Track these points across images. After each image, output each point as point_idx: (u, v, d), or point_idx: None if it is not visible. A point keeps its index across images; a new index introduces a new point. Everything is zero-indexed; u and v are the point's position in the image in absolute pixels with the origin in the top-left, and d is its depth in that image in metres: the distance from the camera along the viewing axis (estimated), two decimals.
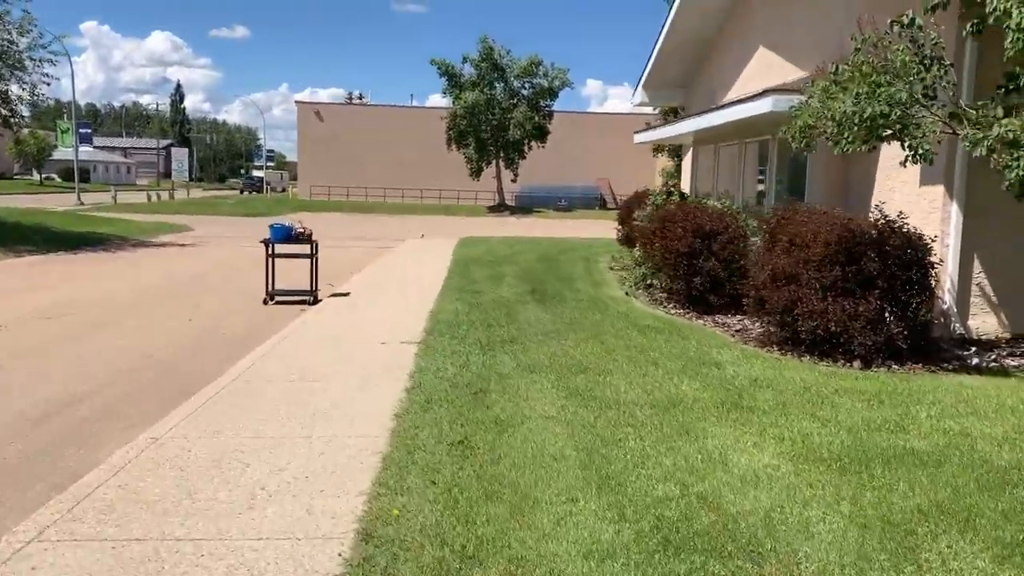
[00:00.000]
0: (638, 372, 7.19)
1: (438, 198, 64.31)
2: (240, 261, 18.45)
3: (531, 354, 7.98)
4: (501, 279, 14.22)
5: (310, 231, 12.63)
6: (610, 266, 16.27)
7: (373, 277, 15.03)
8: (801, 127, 7.43)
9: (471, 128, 51.32)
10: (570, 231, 32.72)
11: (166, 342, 9.47)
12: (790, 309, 8.06)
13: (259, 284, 13.89)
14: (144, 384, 7.62)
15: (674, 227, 10.64)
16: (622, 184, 69.42)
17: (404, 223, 38.67)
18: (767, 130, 12.42)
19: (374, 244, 24.04)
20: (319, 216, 43.13)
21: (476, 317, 10.19)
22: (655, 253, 10.95)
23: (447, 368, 7.46)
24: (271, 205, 51.60)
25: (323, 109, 71.41)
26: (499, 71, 51.87)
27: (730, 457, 4.97)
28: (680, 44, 17.47)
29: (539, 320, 9.95)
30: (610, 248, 20.56)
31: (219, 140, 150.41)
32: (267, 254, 12.42)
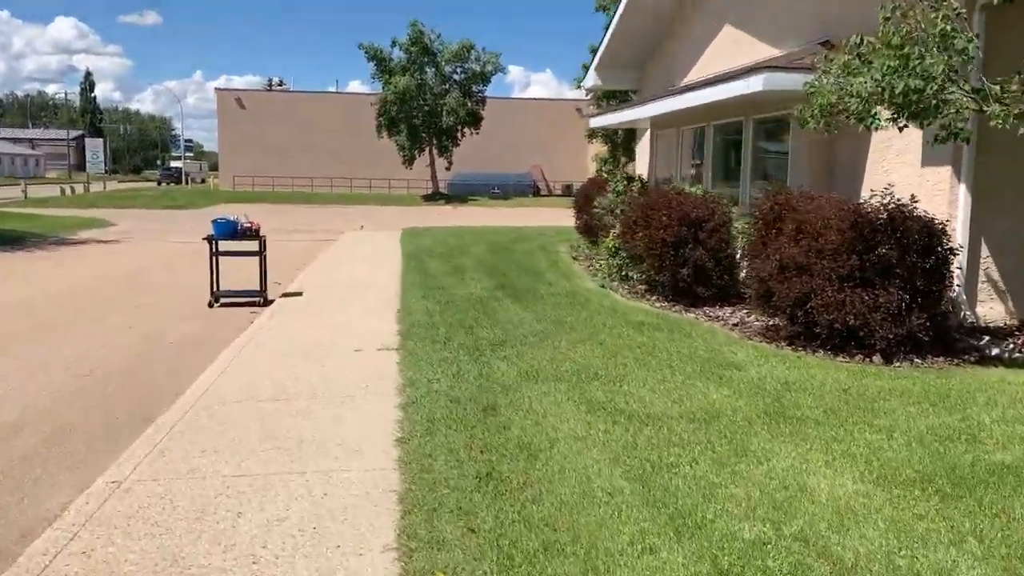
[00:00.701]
0: (655, 377, 6.51)
1: (368, 187, 62.78)
2: (173, 258, 17.16)
3: (528, 359, 7.23)
4: (462, 273, 13.41)
5: (258, 226, 11.59)
6: (573, 256, 15.62)
7: (323, 273, 14.04)
8: (822, 105, 6.83)
9: (402, 115, 49.99)
10: (513, 219, 31.98)
11: (106, 354, 8.39)
12: (803, 302, 7.51)
13: (200, 284, 12.77)
14: (88, 408, 6.60)
15: (658, 215, 10.01)
16: (555, 171, 69.13)
17: (338, 214, 37.32)
18: (741, 111, 11.90)
19: (313, 237, 22.89)
20: (245, 207, 41.34)
21: (451, 317, 9.39)
22: (637, 243, 10.30)
23: (440, 379, 6.66)
24: (193, 197, 49.41)
25: (244, 96, 68.93)
26: (430, 55, 50.63)
27: (808, 483, 4.33)
28: (636, 25, 16.87)
29: (522, 319, 9.20)
30: (564, 237, 19.92)
31: (132, 130, 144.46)
32: (210, 252, 11.34)
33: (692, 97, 11.37)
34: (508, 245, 18.19)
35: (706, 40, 14.64)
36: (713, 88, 10.56)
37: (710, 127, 13.46)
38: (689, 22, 15.55)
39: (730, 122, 12.75)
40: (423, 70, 50.83)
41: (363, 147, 61.94)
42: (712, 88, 10.59)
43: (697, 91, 11.20)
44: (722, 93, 10.25)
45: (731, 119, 12.56)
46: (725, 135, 13.22)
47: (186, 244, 20.09)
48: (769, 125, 11.70)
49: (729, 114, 12.40)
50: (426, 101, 50.32)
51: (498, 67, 51.68)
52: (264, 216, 12.21)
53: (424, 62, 50.71)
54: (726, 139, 13.24)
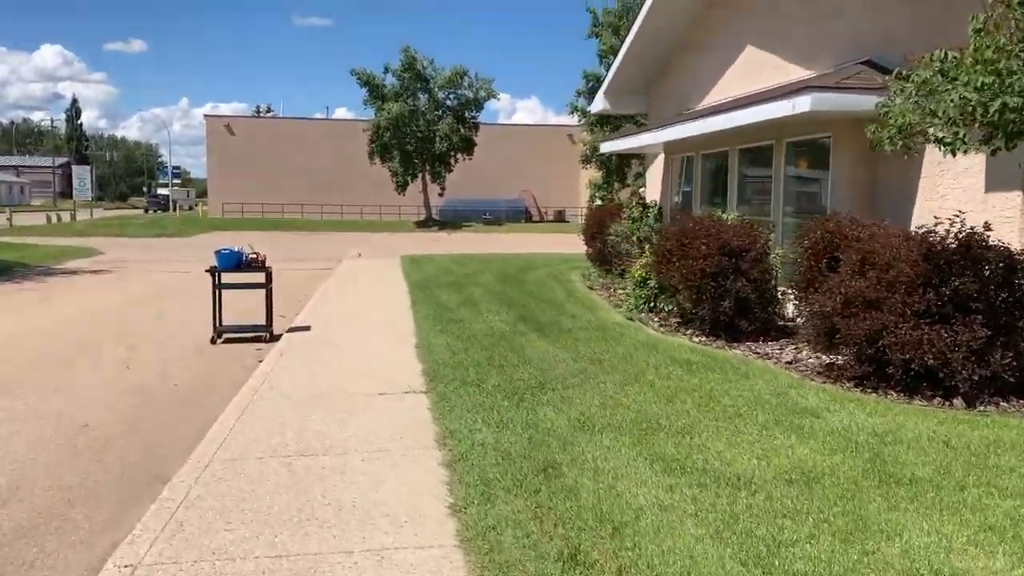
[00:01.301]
0: (727, 428, 5.84)
1: (359, 214, 62.12)
2: (168, 289, 16.40)
3: (576, 405, 6.55)
4: (476, 304, 12.73)
5: (264, 257, 10.89)
6: (588, 285, 14.97)
7: (328, 305, 13.33)
8: (900, 126, 6.23)
9: (395, 141, 49.47)
10: (511, 246, 31.38)
11: (104, 400, 7.63)
12: (873, 340, 6.87)
13: (198, 318, 12.07)
14: (88, 467, 5.85)
15: (696, 244, 9.38)
16: (546, 196, 68.73)
17: (332, 241, 36.61)
18: (772, 134, 11.34)
19: (310, 265, 22.17)
20: (237, 235, 40.62)
21: (477, 355, 8.70)
22: (672, 273, 9.66)
23: (481, 429, 5.97)
24: (182, 224, 48.57)
25: (234, 122, 68.34)
26: (422, 81, 50.24)
27: (958, 566, 3.66)
28: (647, 48, 16.40)
29: (555, 357, 8.52)
30: (572, 265, 19.31)
31: (118, 157, 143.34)
32: (213, 284, 10.62)
33: (723, 119, 10.80)
34: (516, 274, 17.54)
35: (725, 63, 14.13)
36: (749, 110, 9.99)
37: (735, 151, 12.89)
38: (705, 45, 15.06)
39: (758, 146, 12.19)
40: (416, 96, 50.42)
41: (353, 173, 61.40)
42: (748, 110, 10.02)
43: (729, 113, 10.63)
44: (761, 114, 9.67)
45: (760, 143, 11.99)
46: (752, 159, 12.66)
47: (180, 274, 19.36)
48: (803, 148, 11.14)
49: (758, 137, 11.84)
50: (419, 127, 49.84)
51: (491, 93, 51.37)
52: (256, 244, 11.50)
53: (417, 88, 50.31)
54: (753, 163, 12.68)
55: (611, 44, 48.73)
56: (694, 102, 15.46)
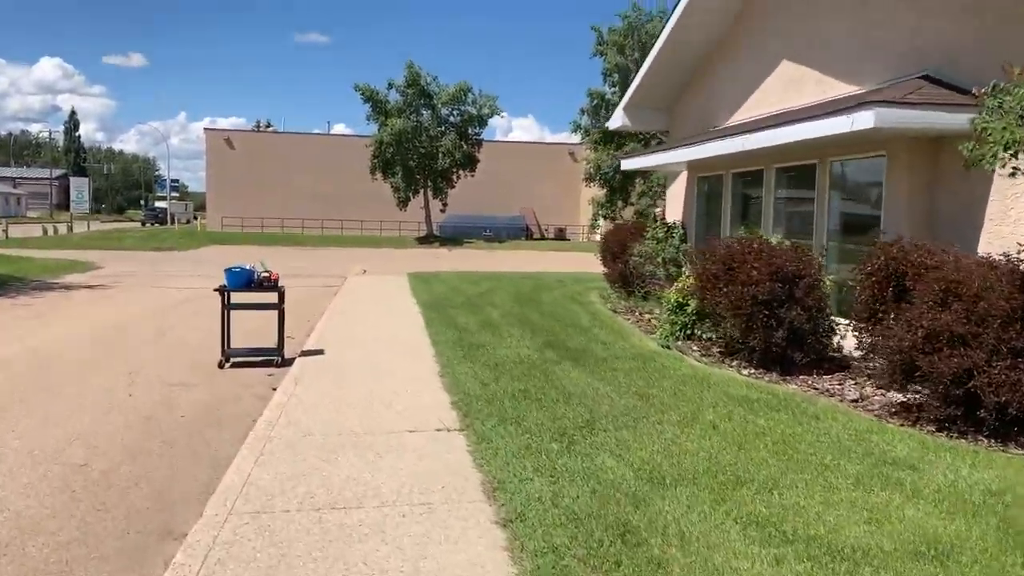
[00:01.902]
0: (816, 483, 5.14)
1: (360, 229, 61.53)
2: (170, 307, 15.66)
3: (636, 451, 5.85)
4: (496, 327, 12.03)
5: (277, 276, 10.19)
6: (612, 308, 14.28)
7: (340, 326, 12.62)
8: (1006, 143, 5.58)
9: (398, 156, 48.94)
10: (518, 264, 30.73)
11: (104, 435, 6.90)
12: (962, 380, 6.19)
13: (203, 338, 11.38)
14: (88, 516, 5.12)
15: (745, 268, 8.71)
16: (546, 214, 68.24)
17: (334, 256, 35.94)
18: (816, 153, 10.72)
19: (314, 282, 21.46)
20: (236, 249, 39.96)
21: (510, 386, 8.00)
22: (719, 299, 8.98)
23: (533, 479, 5.26)
24: (181, 238, 47.85)
25: (234, 136, 67.93)
26: (426, 97, 49.78)
27: None
28: (670, 65, 15.79)
29: (596, 390, 7.82)
30: (588, 285, 18.65)
31: (116, 170, 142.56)
32: (222, 304, 9.92)
33: (767, 136, 10.16)
34: (531, 294, 16.85)
35: (757, 79, 13.52)
36: (799, 126, 9.34)
37: (771, 171, 12.25)
38: (733, 61, 14.46)
39: (798, 165, 11.56)
40: (419, 112, 49.94)
41: (354, 189, 60.90)
42: (798, 126, 9.38)
43: (775, 129, 9.98)
44: (813, 131, 9.03)
45: (801, 162, 11.36)
46: (791, 180, 12.02)
47: (181, 290, 18.65)
48: (851, 168, 10.51)
49: (799, 156, 11.21)
50: (422, 143, 49.32)
51: (495, 110, 50.94)
52: (256, 259, 10.85)
53: (420, 104, 49.84)
54: (792, 184, 12.04)
55: (616, 62, 48.41)
56: (721, 120, 14.85)
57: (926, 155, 9.08)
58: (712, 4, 13.96)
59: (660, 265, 14.07)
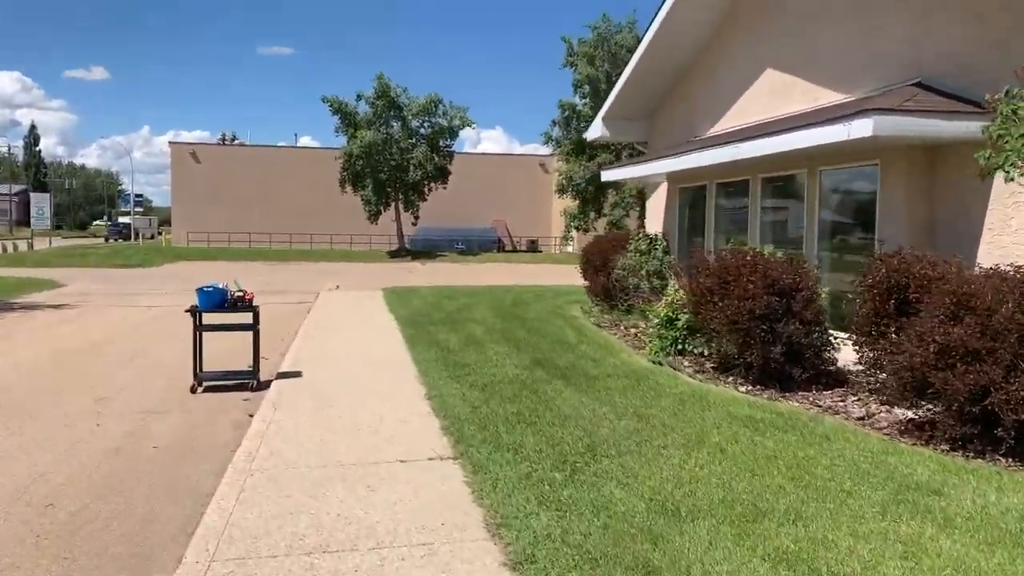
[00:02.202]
0: (841, 512, 4.84)
1: (330, 243, 60.78)
2: (138, 327, 15.09)
3: (644, 480, 5.51)
4: (480, 345, 11.67)
5: (252, 295, 9.75)
6: (596, 323, 13.97)
7: (316, 345, 12.17)
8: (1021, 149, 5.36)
9: (368, 169, 48.42)
10: (494, 277, 30.38)
11: (70, 471, 6.42)
12: (978, 397, 5.95)
13: (175, 361, 10.90)
14: (53, 567, 4.67)
15: (741, 282, 8.45)
16: (518, 226, 67.99)
17: (304, 271, 35.35)
18: (804, 162, 10.52)
19: (285, 299, 20.94)
20: (203, 265, 39.24)
21: (501, 408, 7.65)
22: (714, 314, 8.70)
23: (540, 514, 4.90)
24: (147, 254, 46.89)
25: (199, 150, 66.85)
26: (396, 109, 49.36)
27: None
28: (649, 75, 15.60)
29: (594, 412, 7.49)
30: (569, 298, 18.35)
31: (78, 185, 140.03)
32: (194, 326, 9.46)
33: (754, 146, 9.93)
34: (512, 309, 16.51)
35: (740, 88, 13.36)
36: (792, 135, 9.12)
37: (757, 180, 12.05)
38: (716, 69, 14.29)
39: (786, 175, 11.37)
40: (389, 124, 49.50)
41: (323, 202, 60.22)
42: (791, 135, 9.15)
43: (765, 138, 9.76)
44: (807, 140, 8.81)
45: (789, 171, 11.17)
46: (778, 190, 11.83)
47: (149, 308, 18.06)
48: (842, 178, 10.32)
49: (787, 166, 11.02)
50: (392, 155, 48.87)
51: (466, 121, 50.64)
52: (226, 276, 10.41)
53: (391, 116, 49.41)
54: (779, 194, 11.85)
55: (587, 74, 48.39)
56: (703, 129, 14.67)
57: (922, 163, 8.91)
58: (694, 14, 13.78)
59: (644, 278, 13.81)
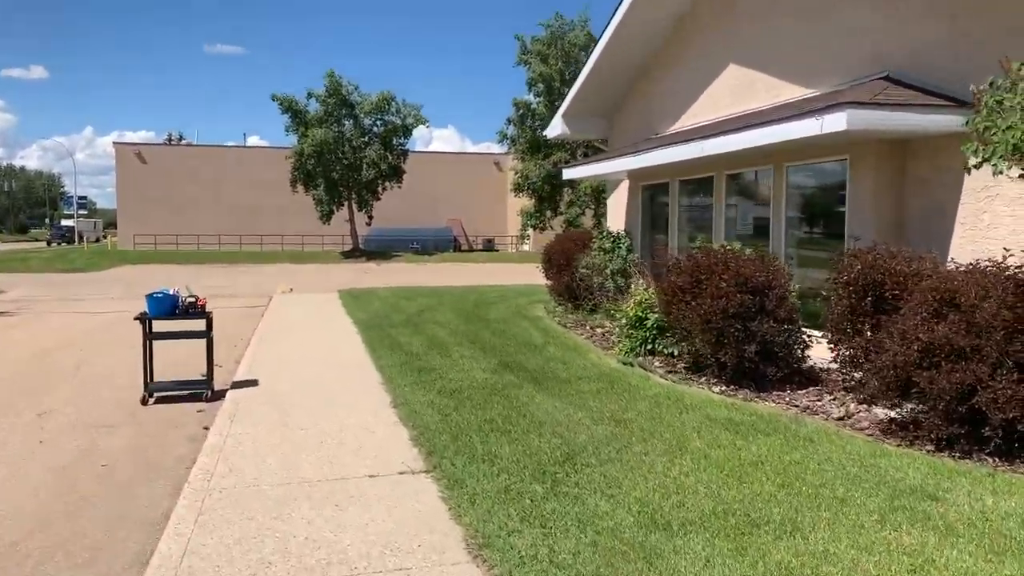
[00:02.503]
0: (838, 521, 4.63)
1: (281, 245, 59.75)
2: (84, 335, 14.43)
3: (629, 489, 5.26)
4: (445, 348, 11.34)
5: (204, 301, 9.29)
6: (561, 323, 13.72)
7: (272, 351, 11.71)
8: (1016, 143, 5.21)
9: (320, 168, 47.63)
10: (452, 278, 30.01)
11: (10, 498, 5.93)
12: (966, 396, 5.82)
13: (123, 371, 10.39)
14: None
15: (714, 280, 8.25)
16: (473, 225, 67.65)
17: (255, 274, 34.55)
18: (770, 158, 10.40)
19: (237, 303, 20.32)
20: (151, 268, 38.21)
21: (473, 417, 7.34)
22: (686, 313, 8.50)
23: (523, 531, 4.62)
24: (92, 258, 45.50)
25: (145, 150, 65.27)
26: (348, 107, 48.65)
27: None
28: (609, 72, 15.41)
29: (569, 417, 7.22)
30: (532, 298, 18.10)
31: (17, 187, 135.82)
32: (144, 334, 8.98)
33: (724, 141, 9.77)
34: (475, 310, 16.19)
35: (701, 84, 13.22)
36: (761, 130, 8.97)
37: (722, 177, 11.91)
38: (677, 65, 14.14)
39: (751, 171, 11.25)
40: (341, 122, 48.77)
41: (273, 203, 59.30)
42: (760, 130, 9.00)
43: (734, 134, 9.59)
44: (780, 134, 8.66)
45: (754, 167, 11.05)
46: (743, 186, 11.70)
47: (95, 315, 17.33)
48: (809, 173, 10.22)
49: (752, 162, 10.89)
50: (345, 154, 48.16)
51: (420, 119, 50.13)
52: (176, 279, 9.97)
53: (342, 114, 48.68)
54: (745, 191, 11.72)
55: (541, 71, 48.23)
56: (665, 126, 14.52)
57: (892, 158, 8.82)
58: (654, 11, 13.60)
59: (609, 277, 13.61)
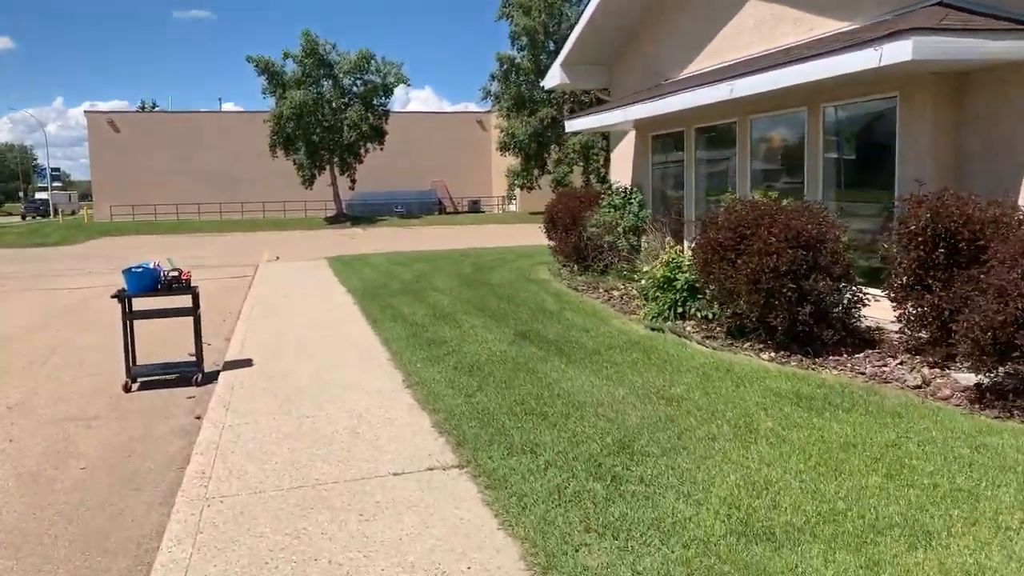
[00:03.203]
0: (980, 523, 3.83)
1: (262, 212, 58.32)
2: (60, 314, 13.44)
3: (708, 487, 4.43)
4: (452, 317, 10.47)
5: (189, 274, 8.34)
6: (572, 286, 12.84)
7: (264, 326, 10.80)
8: None
9: (300, 131, 46.16)
10: (444, 242, 29.04)
11: None
12: None
13: (103, 353, 9.51)
14: None
15: (761, 235, 7.39)
16: (457, 186, 66.34)
17: (238, 243, 33.43)
18: (805, 99, 9.50)
19: (221, 274, 19.35)
20: (129, 240, 37.05)
21: (500, 398, 6.49)
22: (729, 273, 7.64)
23: (593, 547, 3.81)
24: (67, 231, 44.08)
25: (118, 119, 63.30)
26: (326, 67, 47.05)
27: None
28: (611, 15, 14.34)
29: (611, 396, 6.38)
30: (532, 260, 17.25)
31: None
32: (123, 313, 8.04)
33: (761, 80, 8.83)
34: (476, 275, 15.30)
35: (718, 22, 12.22)
36: (809, 64, 8.02)
37: (745, 122, 11.00)
38: (686, 5, 13.13)
39: (781, 114, 10.34)
40: (320, 83, 47.21)
41: (253, 169, 57.75)
42: (806, 64, 8.06)
43: (773, 71, 8.64)
44: (830, 69, 7.71)
45: (785, 110, 10.14)
46: (770, 131, 10.80)
47: (72, 291, 16.30)
48: (850, 113, 9.33)
49: (783, 104, 9.98)
50: (324, 116, 46.70)
51: (400, 78, 48.60)
52: (155, 251, 9.06)
53: (321, 75, 47.10)
54: (771, 137, 10.82)
55: (524, 25, 46.88)
56: (675, 71, 13.54)
57: (949, 92, 7.94)
58: None
59: (620, 235, 12.74)
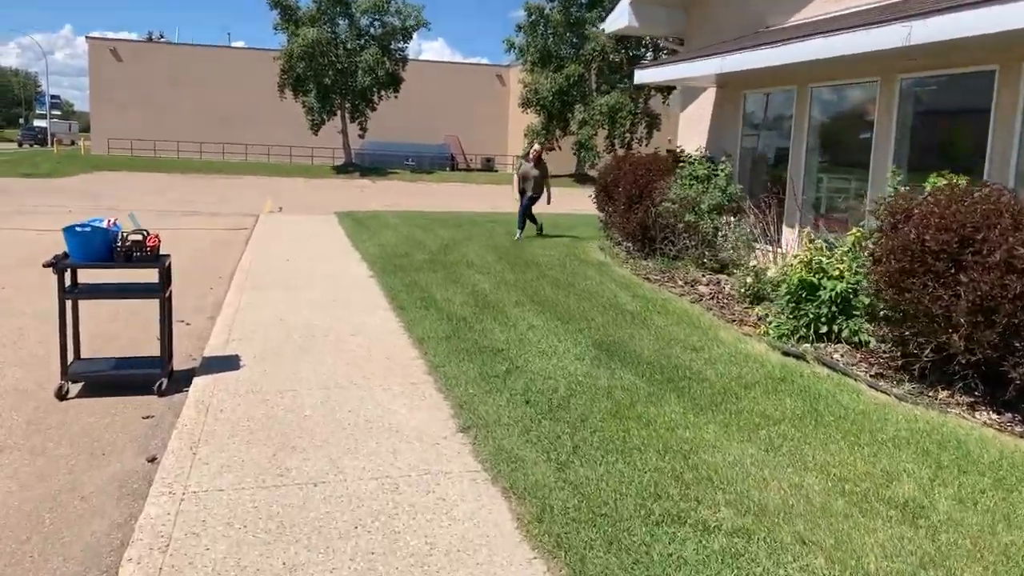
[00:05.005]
0: None
1: (267, 155, 55.52)
2: (12, 268, 11.03)
3: None
4: (501, 310, 8.10)
5: (156, 239, 5.91)
6: (638, 273, 10.42)
7: (259, 303, 8.42)
8: None
9: (311, 72, 43.26)
10: (461, 201, 26.57)
11: None
12: None
13: (49, 328, 7.06)
14: None
15: (1001, 241, 4.98)
16: (471, 142, 63.41)
17: (239, 187, 30.88)
18: (989, 56, 7.05)
19: (217, 224, 16.95)
20: (125, 176, 34.57)
21: (613, 476, 4.17)
22: (940, 294, 5.24)
23: None
24: (59, 162, 41.43)
25: (121, 47, 60.11)
26: (343, 5, 44.03)
27: None
28: None
29: (797, 490, 4.04)
30: (572, 232, 14.87)
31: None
32: (60, 290, 5.66)
33: (947, 22, 6.35)
34: (515, 250, 12.85)
35: None
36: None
37: (891, 83, 8.53)
38: None
39: (952, 73, 7.88)
40: (335, 22, 44.23)
41: (260, 110, 54.81)
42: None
43: (959, 11, 6.18)
44: None
45: (961, 69, 7.68)
46: (932, 94, 8.35)
47: (39, 234, 13.84)
48: None
49: (959, 61, 7.53)
50: (338, 57, 43.78)
51: (421, 21, 45.56)
52: (150, 191, 6.84)
53: (336, 13, 44.11)
54: (935, 100, 8.37)
55: None
56: (776, 17, 11.02)
57: None
58: None
59: (704, 215, 10.32)
